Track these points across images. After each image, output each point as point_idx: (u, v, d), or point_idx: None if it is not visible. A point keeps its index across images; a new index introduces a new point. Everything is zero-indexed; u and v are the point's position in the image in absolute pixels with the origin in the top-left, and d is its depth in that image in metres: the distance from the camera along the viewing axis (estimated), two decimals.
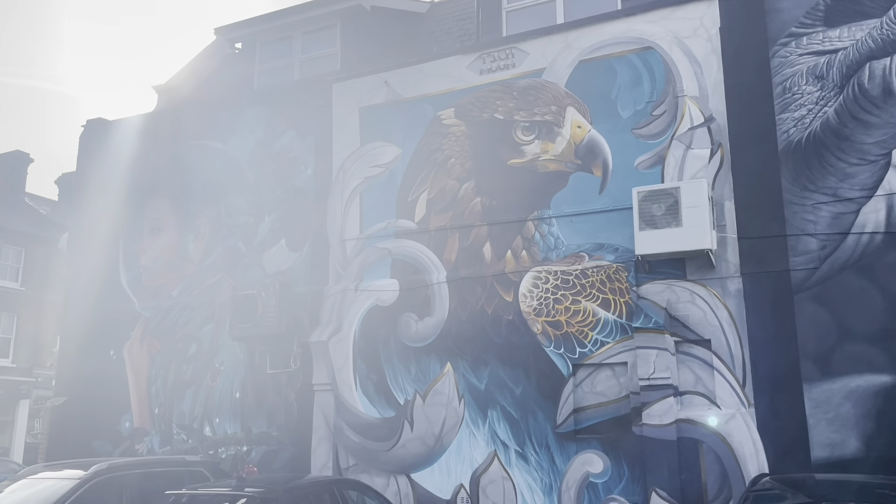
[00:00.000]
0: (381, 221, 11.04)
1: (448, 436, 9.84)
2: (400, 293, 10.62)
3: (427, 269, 10.55)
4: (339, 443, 10.45)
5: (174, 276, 12.53)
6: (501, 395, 9.65)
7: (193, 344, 11.96)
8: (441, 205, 10.70)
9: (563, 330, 9.45)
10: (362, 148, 11.47)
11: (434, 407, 10.01)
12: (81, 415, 12.36)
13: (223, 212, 12.40)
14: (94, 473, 7.68)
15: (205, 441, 11.42)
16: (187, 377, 11.90)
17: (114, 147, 13.64)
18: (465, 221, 10.45)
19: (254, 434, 11.13)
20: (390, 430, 10.19)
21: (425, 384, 10.14)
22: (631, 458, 8.76)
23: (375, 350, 10.59)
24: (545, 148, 10.13)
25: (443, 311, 10.27)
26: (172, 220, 12.82)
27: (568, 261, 9.68)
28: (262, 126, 12.44)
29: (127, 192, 13.29)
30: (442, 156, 10.84)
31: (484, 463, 9.56)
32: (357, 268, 11.05)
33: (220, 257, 12.22)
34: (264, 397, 11.23)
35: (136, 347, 12.41)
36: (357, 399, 10.53)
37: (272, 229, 11.92)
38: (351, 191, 11.39)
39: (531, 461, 9.30)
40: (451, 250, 10.47)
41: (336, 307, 11.01)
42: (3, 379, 29.37)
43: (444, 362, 10.09)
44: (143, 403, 12.11)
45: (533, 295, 9.71)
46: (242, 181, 12.37)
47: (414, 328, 10.41)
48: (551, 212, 9.93)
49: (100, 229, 13.32)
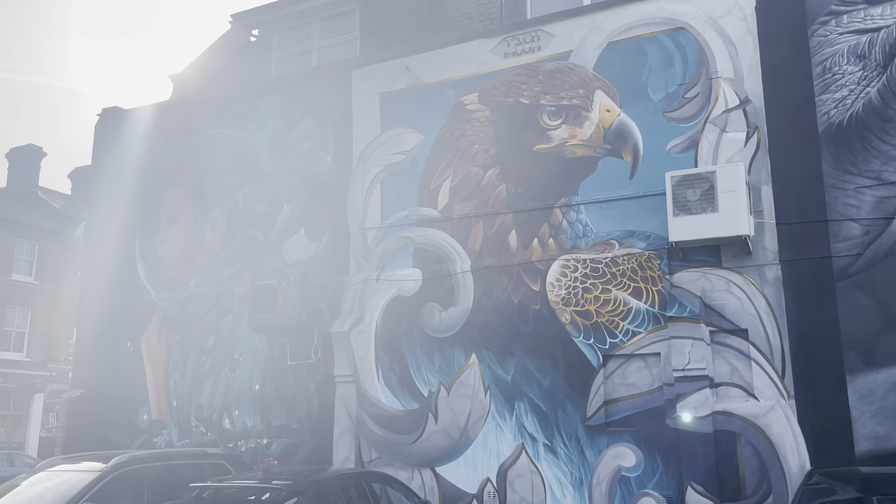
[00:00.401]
0: (403, 210, 10.79)
1: (474, 428, 9.58)
2: (423, 283, 10.37)
3: (450, 258, 10.29)
4: (362, 435, 10.22)
5: (191, 266, 12.32)
6: (529, 386, 9.38)
7: (212, 335, 11.75)
8: (465, 192, 10.42)
9: (592, 320, 9.17)
10: (383, 135, 11.21)
11: (459, 399, 9.76)
12: (98, 407, 12.19)
13: (241, 201, 12.18)
14: (115, 466, 7.48)
15: (224, 434, 11.22)
16: (206, 369, 11.70)
17: (129, 136, 13.44)
18: (490, 209, 10.18)
19: (274, 427, 10.92)
20: (414, 422, 9.95)
21: (450, 375, 9.89)
22: (665, 451, 8.48)
23: (398, 341, 10.35)
24: (573, 133, 9.84)
25: (467, 301, 10.01)
26: (189, 210, 12.61)
27: (597, 249, 9.39)
28: (280, 114, 12.21)
29: (143, 182, 13.09)
30: (465, 142, 10.57)
31: (511, 456, 9.30)
32: (378, 257, 10.80)
33: (238, 247, 12.00)
34: (284, 389, 11.01)
35: (154, 339, 12.22)
36: (379, 391, 10.29)
37: (291, 218, 11.69)
38: (372, 179, 11.13)
39: (560, 454, 9.04)
40: (476, 239, 10.21)
41: (357, 297, 10.77)
42: (17, 373, 29.38)
43: (469, 353, 9.84)
44: (160, 396, 11.93)
45: (561, 284, 9.43)
46: (260, 170, 12.14)
47: (437, 318, 10.16)
48: (579, 198, 9.64)
49: (116, 219, 13.14)
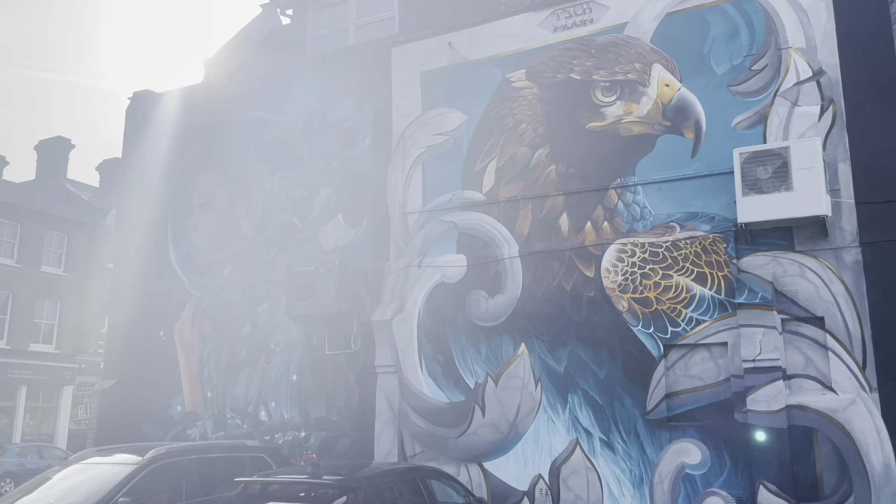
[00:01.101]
0: (446, 193, 10.29)
1: (524, 422, 9.08)
2: (467, 269, 9.87)
3: (497, 242, 9.78)
4: (405, 429, 9.76)
5: (226, 253, 11.94)
6: (583, 378, 8.85)
7: (247, 324, 11.36)
8: (512, 174, 9.90)
9: (652, 307, 8.61)
10: (424, 115, 10.71)
11: (508, 391, 9.25)
12: (131, 398, 11.86)
13: (276, 186, 11.76)
14: (152, 459, 7.08)
15: (260, 426, 10.83)
16: (241, 359, 11.31)
17: (161, 120, 13.08)
18: (539, 191, 9.65)
19: (312, 419, 10.50)
20: (460, 415, 9.47)
21: (497, 366, 9.39)
22: (733, 447, 7.91)
23: (442, 330, 9.86)
24: (629, 109, 9.27)
25: (515, 288, 9.50)
26: (223, 196, 12.22)
27: (657, 232, 8.82)
28: (316, 95, 11.77)
29: (175, 167, 12.73)
30: (512, 121, 10.04)
31: (565, 452, 8.78)
32: (420, 243, 10.32)
33: (273, 233, 11.59)
34: (323, 380, 10.58)
35: (187, 328, 11.86)
36: (423, 382, 9.82)
37: (328, 203, 11.25)
38: (413, 161, 10.65)
39: (618, 450, 8.50)
40: (524, 223, 9.68)
41: (398, 284, 10.30)
42: (46, 365, 29.40)
43: (518, 343, 9.33)
44: (194, 386, 11.57)
45: (617, 269, 8.88)
46: (296, 153, 11.71)
47: (484, 306, 9.66)
48: (636, 179, 9.07)
49: (147, 206, 12.80)
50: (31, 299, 29.24)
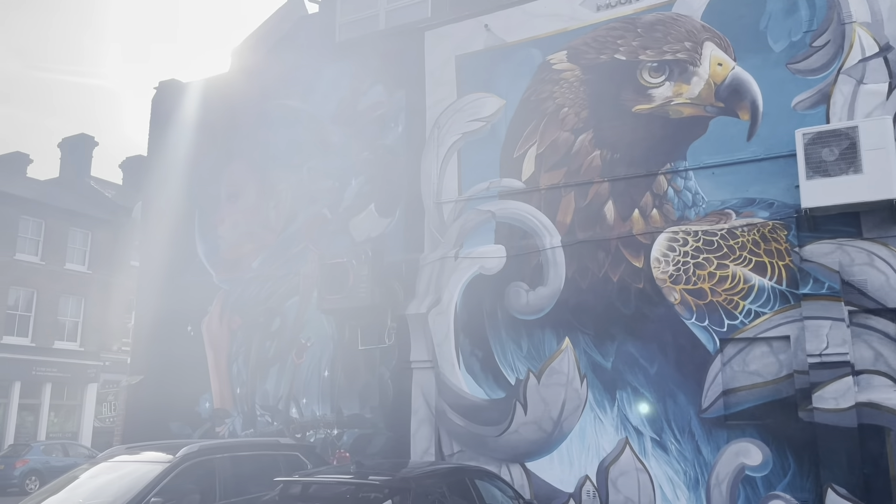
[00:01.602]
0: (483, 181, 9.87)
1: (569, 420, 8.63)
2: (507, 260, 9.44)
3: (538, 232, 9.34)
4: (442, 426, 9.35)
5: (254, 246, 11.60)
6: (632, 374, 8.39)
7: (277, 318, 11.01)
8: (553, 160, 9.45)
9: (707, 299, 8.13)
10: (460, 101, 10.29)
11: (551, 387, 8.81)
12: (158, 395, 11.57)
13: (306, 176, 11.40)
14: (184, 457, 6.73)
15: (291, 423, 10.48)
16: (271, 354, 10.96)
17: (187, 111, 12.78)
18: (583, 178, 9.19)
19: (345, 416, 10.13)
20: (500, 413, 9.04)
21: (540, 362, 8.95)
22: (798, 448, 7.41)
23: (480, 324, 9.44)
24: (678, 90, 8.78)
25: (558, 280, 9.05)
26: (251, 187, 11.89)
27: (710, 219, 8.33)
28: (346, 82, 11.39)
29: (202, 158, 12.43)
30: (553, 105, 9.59)
31: (613, 452, 8.32)
32: (456, 233, 9.91)
33: (303, 225, 11.23)
34: (356, 376, 10.21)
35: (215, 323, 11.54)
36: (461, 378, 9.41)
37: (360, 193, 10.87)
38: (448, 148, 10.23)
39: (671, 450, 8.02)
40: (566, 211, 9.23)
41: (434, 277, 9.89)
42: (71, 363, 29.36)
43: (562, 337, 8.88)
44: (223, 383, 11.24)
45: (668, 259, 8.41)
46: (326, 142, 11.34)
47: (525, 299, 9.22)
48: (688, 163, 8.59)
49: (174, 198, 12.50)
50: (56, 297, 29.21)
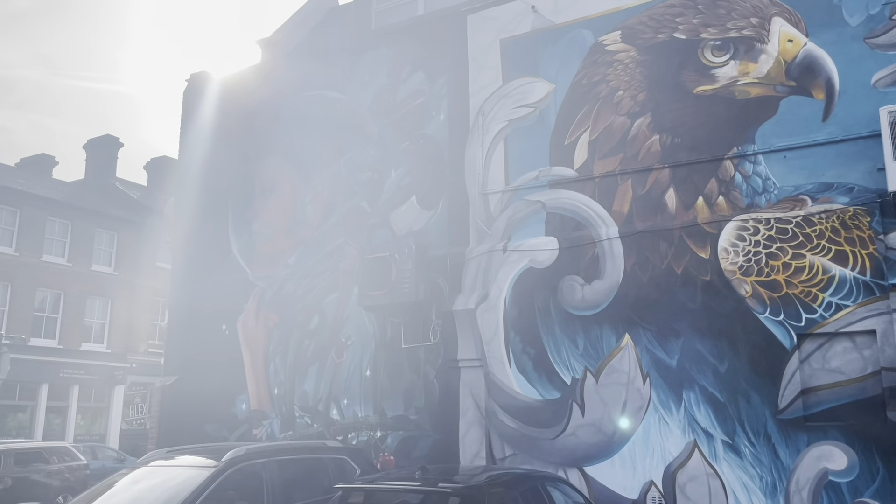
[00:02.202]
0: (532, 170, 9.38)
1: (631, 422, 8.10)
2: (559, 253, 8.94)
3: (593, 223, 8.82)
4: (493, 429, 8.87)
5: (290, 241, 11.20)
6: (700, 372, 7.84)
7: (315, 316, 10.59)
8: (607, 146, 8.94)
9: (781, 292, 7.56)
10: (505, 86, 9.81)
11: (610, 387, 8.29)
12: (193, 396, 11.19)
13: (343, 168, 10.98)
14: (230, 462, 6.30)
15: (332, 425, 10.04)
16: (309, 353, 10.54)
17: (219, 103, 12.42)
18: (641, 165, 8.67)
19: (388, 418, 9.68)
20: (555, 414, 8.54)
21: (598, 360, 8.44)
22: (888, 451, 6.83)
23: (531, 320, 8.95)
24: (745, 69, 8.23)
25: (616, 273, 8.53)
26: (287, 181, 11.49)
27: (784, 206, 7.77)
28: (384, 70, 10.95)
29: (234, 152, 12.05)
30: (606, 88, 9.08)
31: (681, 456, 7.79)
32: (504, 225, 9.42)
33: (341, 219, 10.81)
34: (399, 376, 9.75)
35: (251, 321, 11.14)
36: (511, 377, 8.91)
37: (400, 185, 10.42)
38: (493, 137, 9.75)
39: (745, 454, 7.47)
40: (623, 200, 8.71)
41: (481, 271, 9.41)
42: (98, 364, 29.23)
43: (622, 334, 8.36)
44: (260, 383, 10.84)
45: (738, 250, 7.86)
46: (364, 133, 10.91)
47: (580, 294, 8.71)
48: (756, 147, 8.03)
49: (206, 193, 12.14)
50: (83, 298, 29.10)
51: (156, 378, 29.22)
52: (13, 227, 27.13)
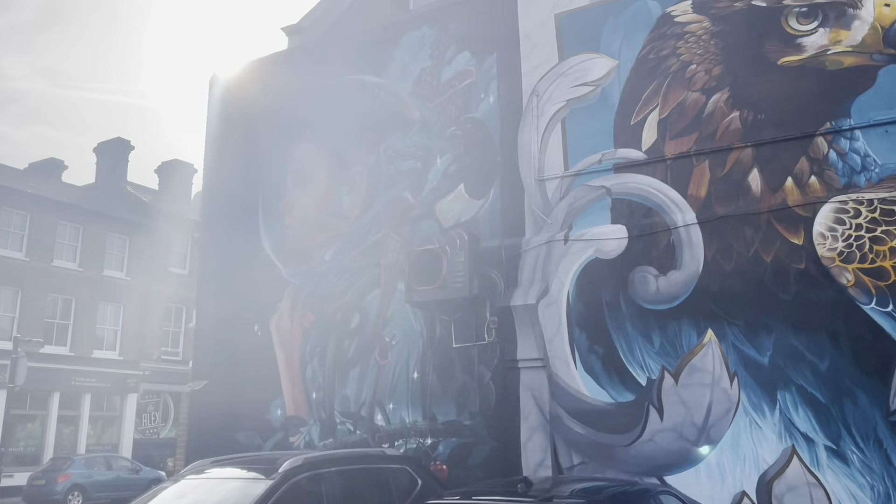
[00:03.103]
0: (594, 153, 8.65)
1: (717, 426, 7.33)
2: (629, 241, 8.20)
3: (665, 208, 8.08)
4: (558, 435, 8.10)
5: (327, 235, 10.47)
6: (797, 370, 7.08)
7: (356, 314, 9.86)
8: (680, 125, 8.21)
9: (889, 280, 6.80)
10: (562, 64, 9.09)
11: (693, 388, 7.53)
12: (223, 401, 10.45)
13: (383, 157, 10.26)
14: (288, 473, 5.59)
15: (377, 432, 9.30)
16: (350, 355, 9.80)
17: (247, 92, 11.73)
18: (719, 144, 7.93)
19: (439, 423, 8.92)
20: (629, 418, 7.77)
21: (676, 359, 7.68)
22: None
23: (599, 315, 8.19)
24: (835, 37, 7.50)
25: (695, 263, 7.78)
26: (321, 171, 10.77)
27: (887, 185, 7.02)
28: (426, 51, 10.25)
29: (264, 142, 11.35)
30: (677, 63, 8.35)
31: (777, 463, 7.01)
32: (564, 213, 8.69)
33: (382, 211, 10.09)
34: (451, 377, 9.01)
35: (286, 321, 10.41)
36: (578, 378, 8.16)
37: (447, 173, 9.70)
38: (549, 118, 9.03)
39: (853, 461, 6.70)
40: (699, 183, 7.97)
41: (539, 263, 8.67)
42: (110, 372, 28.51)
43: (703, 329, 7.60)
44: (296, 387, 10.10)
45: (837, 234, 7.10)
46: (406, 119, 10.20)
47: (654, 286, 7.96)
48: (853, 121, 7.29)
49: (235, 187, 11.43)
50: (94, 304, 28.41)
51: (174, 385, 28.51)
52: (23, 231, 26.46)
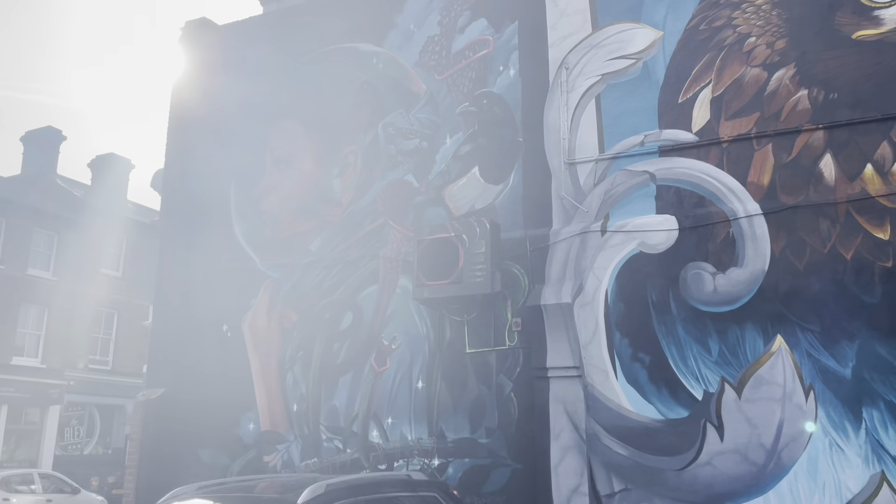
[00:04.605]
0: (635, 134, 7.61)
1: (790, 448, 6.31)
2: (679, 234, 7.15)
3: (722, 197, 7.08)
4: (595, 456, 6.94)
5: (312, 223, 9.11)
6: (886, 384, 6.12)
7: (348, 313, 8.51)
8: (737, 104, 7.24)
9: None
10: (596, 34, 8.04)
11: (759, 403, 6.49)
12: (184, 413, 8.90)
13: (382, 135, 8.99)
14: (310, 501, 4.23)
15: (372, 451, 7.94)
16: (340, 360, 8.44)
17: (221, 59, 10.28)
18: (784, 126, 6.99)
19: (449, 441, 7.65)
20: (682, 438, 6.68)
21: (739, 369, 6.64)
22: None
23: (644, 318, 7.11)
24: None
25: (760, 259, 6.78)
26: (307, 150, 9.41)
27: None
28: (434, 18, 9.06)
29: (240, 117, 9.91)
30: (733, 35, 7.40)
31: (864, 492, 6.02)
32: (599, 201, 7.60)
33: (380, 196, 8.80)
34: (463, 388, 7.75)
35: (262, 320, 8.97)
36: (619, 391, 7.03)
37: (458, 155, 8.50)
38: (581, 95, 7.95)
39: None
40: (761, 169, 7.01)
41: (572, 257, 7.54)
42: (30, 381, 25.91)
43: (771, 335, 6.59)
44: (273, 397, 8.64)
45: None
46: (409, 93, 8.97)
47: (711, 285, 6.92)
48: None
49: (203, 166, 9.94)
50: (15, 306, 25.80)
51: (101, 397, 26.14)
52: None
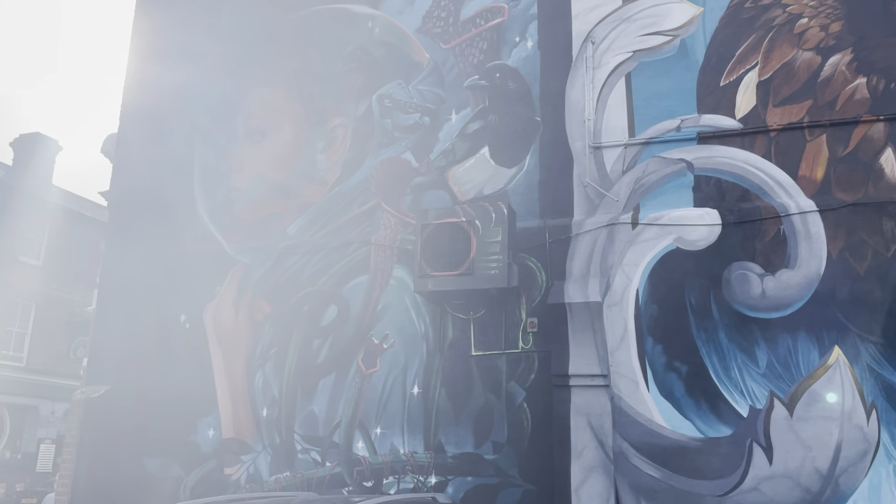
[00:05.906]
0: (671, 118, 6.83)
1: (850, 473, 5.58)
2: (722, 230, 6.39)
3: (770, 191, 6.36)
4: (622, 478, 6.07)
5: (291, 203, 7.98)
6: None
7: (332, 306, 7.42)
8: (787, 90, 6.55)
9: None
10: (628, 7, 7.26)
11: (814, 422, 5.75)
12: (130, 416, 7.61)
13: (377, 108, 7.96)
14: None
15: (356, 465, 6.86)
16: (322, 359, 7.32)
17: (194, 9, 9.06)
18: (839, 115, 6.33)
19: (449, 457, 6.64)
20: (724, 459, 5.88)
21: (791, 383, 5.89)
22: None
23: (681, 322, 6.30)
24: None
25: (815, 261, 6.07)
26: (287, 120, 8.29)
27: None
28: None
29: (208, 82, 8.71)
30: (783, 15, 6.72)
31: None
32: (628, 190, 6.78)
33: (372, 175, 7.76)
34: (467, 395, 6.76)
35: (228, 311, 7.77)
36: (650, 404, 6.19)
37: (465, 133, 7.54)
38: (610, 72, 7.14)
39: None
40: (814, 162, 6.32)
41: (598, 251, 6.68)
42: None
43: (827, 347, 5.87)
44: (239, 400, 7.45)
45: None
46: (410, 61, 7.99)
47: (759, 288, 6.16)
48: None
49: (161, 133, 8.68)
50: None
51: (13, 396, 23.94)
52: None
